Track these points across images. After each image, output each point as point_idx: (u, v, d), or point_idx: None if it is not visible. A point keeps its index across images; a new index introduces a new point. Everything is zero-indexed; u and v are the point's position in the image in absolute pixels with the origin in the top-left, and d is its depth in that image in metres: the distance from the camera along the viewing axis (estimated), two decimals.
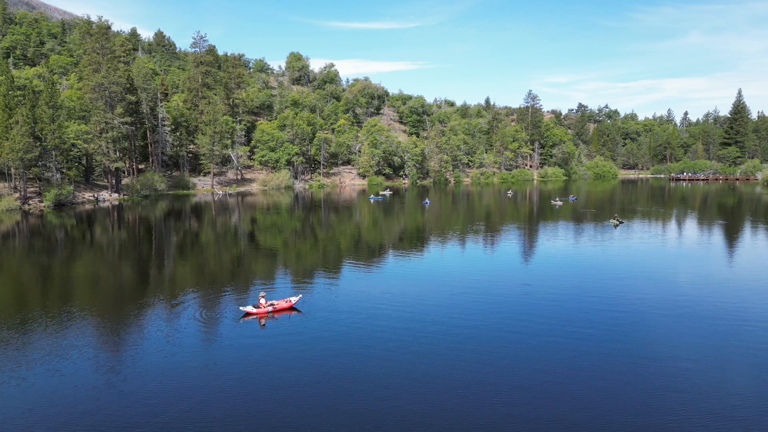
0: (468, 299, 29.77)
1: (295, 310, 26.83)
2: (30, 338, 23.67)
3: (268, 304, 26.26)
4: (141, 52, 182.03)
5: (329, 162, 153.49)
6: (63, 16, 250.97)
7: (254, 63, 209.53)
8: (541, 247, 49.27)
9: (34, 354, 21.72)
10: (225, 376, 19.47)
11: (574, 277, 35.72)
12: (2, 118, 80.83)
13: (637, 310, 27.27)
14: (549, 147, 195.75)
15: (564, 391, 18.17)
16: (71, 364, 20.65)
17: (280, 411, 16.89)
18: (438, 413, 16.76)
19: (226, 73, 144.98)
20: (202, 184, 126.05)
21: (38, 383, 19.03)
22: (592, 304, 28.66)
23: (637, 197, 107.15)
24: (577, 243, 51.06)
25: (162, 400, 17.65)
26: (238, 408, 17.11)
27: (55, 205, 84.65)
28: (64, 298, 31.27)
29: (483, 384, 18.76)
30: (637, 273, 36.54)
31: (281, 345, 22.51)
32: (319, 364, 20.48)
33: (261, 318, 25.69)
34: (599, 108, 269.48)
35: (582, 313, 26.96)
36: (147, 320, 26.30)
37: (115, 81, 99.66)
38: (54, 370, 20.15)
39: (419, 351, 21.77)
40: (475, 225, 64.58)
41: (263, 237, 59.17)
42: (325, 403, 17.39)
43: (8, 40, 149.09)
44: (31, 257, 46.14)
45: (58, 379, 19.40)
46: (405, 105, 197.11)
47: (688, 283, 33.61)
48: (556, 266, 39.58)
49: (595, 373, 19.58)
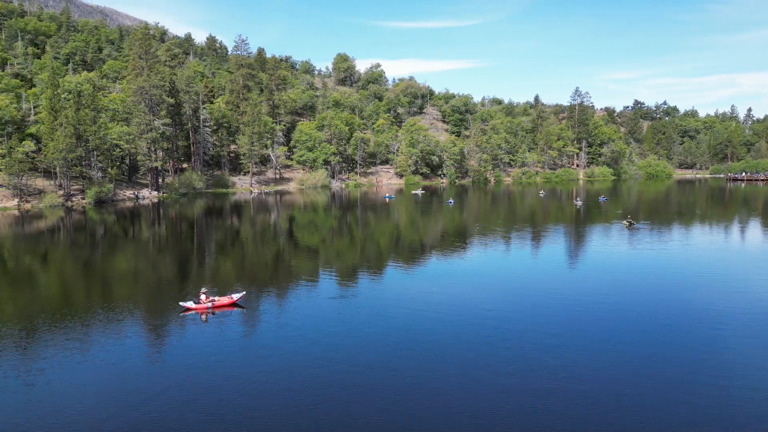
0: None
1: (237, 306, 27.56)
2: (78, 331, 24.86)
3: (208, 299, 27.06)
4: (192, 56, 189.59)
5: (367, 161, 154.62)
6: (133, 23, 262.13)
7: (300, 64, 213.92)
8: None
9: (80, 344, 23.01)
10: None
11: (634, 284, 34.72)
12: (49, 120, 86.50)
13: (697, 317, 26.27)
14: (597, 146, 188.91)
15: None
16: (119, 355, 21.72)
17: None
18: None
19: (267, 75, 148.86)
20: (241, 183, 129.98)
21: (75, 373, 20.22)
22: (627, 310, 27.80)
23: (695, 199, 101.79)
24: (603, 246, 49.39)
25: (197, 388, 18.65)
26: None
27: (96, 202, 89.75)
28: (103, 291, 33.20)
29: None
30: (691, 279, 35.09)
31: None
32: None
33: (202, 313, 26.59)
34: (657, 105, 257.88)
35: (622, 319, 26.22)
36: (180, 316, 26.90)
37: (156, 84, 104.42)
38: (100, 360, 21.30)
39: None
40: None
41: (296, 234, 60.71)
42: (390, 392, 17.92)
43: (69, 46, 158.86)
44: (72, 251, 49.38)
45: (106, 367, 20.51)
46: (447, 104, 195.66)
47: None
48: (584, 271, 38.50)
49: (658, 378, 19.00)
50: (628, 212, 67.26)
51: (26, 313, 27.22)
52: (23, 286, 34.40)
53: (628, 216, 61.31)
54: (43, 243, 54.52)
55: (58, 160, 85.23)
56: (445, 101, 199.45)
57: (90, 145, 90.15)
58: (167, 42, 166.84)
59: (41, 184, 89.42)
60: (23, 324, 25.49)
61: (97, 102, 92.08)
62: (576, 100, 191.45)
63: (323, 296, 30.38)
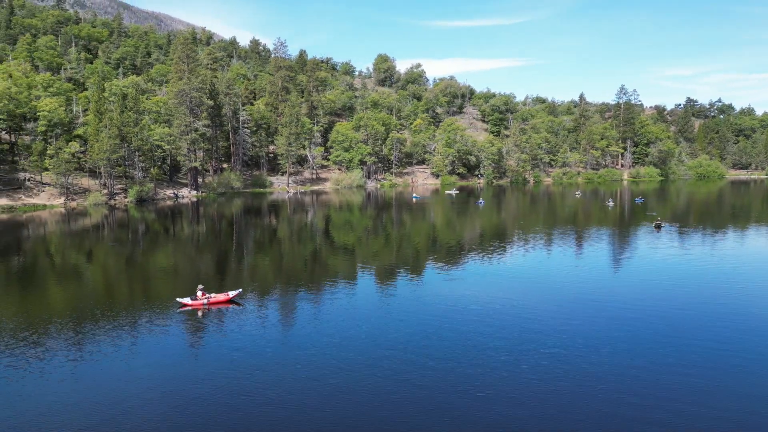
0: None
1: (234, 303, 28.30)
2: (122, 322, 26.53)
3: (204, 296, 27.89)
4: (236, 59, 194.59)
5: (403, 162, 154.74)
6: (185, 27, 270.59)
7: (341, 66, 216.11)
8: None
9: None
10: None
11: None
12: (94, 121, 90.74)
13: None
14: (644, 145, 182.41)
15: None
16: (164, 346, 23.13)
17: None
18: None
19: (306, 77, 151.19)
20: (278, 183, 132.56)
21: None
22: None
23: (750, 201, 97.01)
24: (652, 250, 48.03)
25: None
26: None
27: (137, 201, 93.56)
28: (144, 288, 34.84)
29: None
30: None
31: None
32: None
33: (198, 310, 27.43)
34: (710, 102, 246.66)
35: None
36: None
37: (196, 87, 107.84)
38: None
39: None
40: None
41: (331, 233, 61.85)
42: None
43: (120, 51, 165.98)
44: (115, 247, 51.95)
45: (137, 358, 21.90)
46: (487, 103, 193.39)
47: None
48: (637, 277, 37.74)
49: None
50: (677, 214, 65.34)
51: (76, 307, 28.97)
52: (71, 281, 36.71)
53: (657, 217, 59.18)
54: (88, 239, 57.44)
55: (102, 161, 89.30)
56: (485, 101, 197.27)
57: (132, 146, 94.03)
58: (210, 46, 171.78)
59: (86, 184, 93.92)
60: (72, 317, 27.01)
61: (140, 105, 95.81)
62: (621, 98, 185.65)
63: (357, 295, 30.95)
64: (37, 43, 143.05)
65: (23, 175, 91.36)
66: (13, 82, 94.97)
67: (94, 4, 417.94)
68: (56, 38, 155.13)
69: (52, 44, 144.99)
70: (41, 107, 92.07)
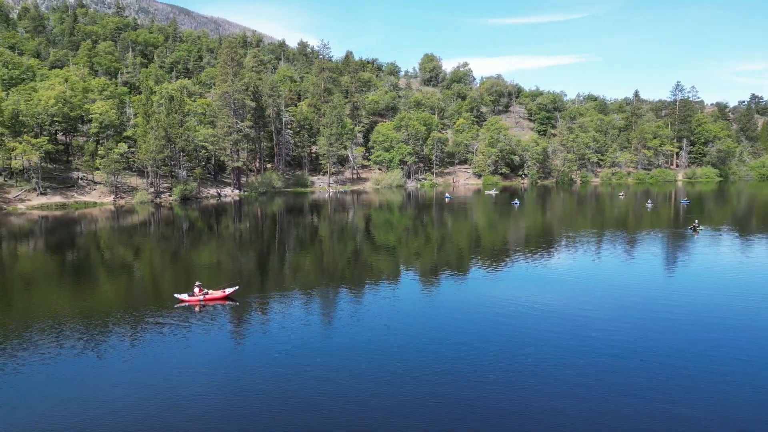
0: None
1: (230, 300, 29.11)
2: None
3: (201, 293, 28.81)
4: (284, 61, 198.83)
5: (445, 161, 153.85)
6: (241, 31, 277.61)
7: (386, 66, 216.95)
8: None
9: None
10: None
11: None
12: (142, 123, 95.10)
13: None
14: (701, 144, 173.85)
15: None
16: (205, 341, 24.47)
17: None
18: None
19: (348, 77, 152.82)
20: (319, 183, 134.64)
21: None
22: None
23: None
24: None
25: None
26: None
27: (181, 199, 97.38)
28: (187, 283, 35.94)
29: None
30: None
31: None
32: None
33: (195, 306, 28.40)
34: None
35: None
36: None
37: (239, 89, 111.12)
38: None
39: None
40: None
41: (371, 232, 62.89)
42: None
43: (174, 55, 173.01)
44: (161, 243, 54.88)
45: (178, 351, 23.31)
46: (534, 102, 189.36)
47: None
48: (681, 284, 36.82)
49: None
50: (738, 217, 62.02)
51: (127, 302, 30.68)
52: (120, 275, 38.91)
53: (695, 221, 56.41)
54: (136, 235, 60.53)
55: (149, 160, 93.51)
56: (531, 99, 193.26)
57: (177, 147, 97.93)
58: (257, 48, 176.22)
59: (134, 182, 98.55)
60: (124, 310, 28.49)
61: (185, 107, 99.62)
62: (677, 95, 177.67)
63: (398, 296, 31.31)
64: (97, 48, 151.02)
65: (76, 174, 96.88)
66: (70, 86, 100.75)
67: (157, 11, 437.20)
68: (115, 44, 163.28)
69: (110, 50, 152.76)
70: (94, 110, 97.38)
